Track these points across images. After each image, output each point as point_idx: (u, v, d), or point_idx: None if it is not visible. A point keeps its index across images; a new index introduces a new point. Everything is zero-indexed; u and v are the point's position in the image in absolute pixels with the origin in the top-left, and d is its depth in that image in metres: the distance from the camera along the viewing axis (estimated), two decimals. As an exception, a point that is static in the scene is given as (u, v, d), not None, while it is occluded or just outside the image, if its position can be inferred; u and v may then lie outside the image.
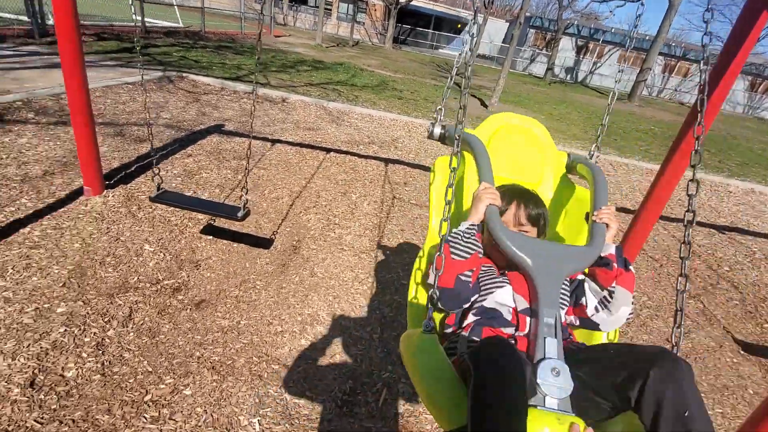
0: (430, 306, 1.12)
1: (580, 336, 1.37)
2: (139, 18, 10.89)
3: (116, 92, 5.77)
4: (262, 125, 5.73)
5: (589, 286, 1.26)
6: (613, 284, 1.20)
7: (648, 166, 7.57)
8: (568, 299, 1.29)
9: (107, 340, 2.12)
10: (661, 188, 2.76)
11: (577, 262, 1.18)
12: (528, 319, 1.15)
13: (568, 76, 28.17)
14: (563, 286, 1.27)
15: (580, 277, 1.31)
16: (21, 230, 2.75)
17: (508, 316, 1.19)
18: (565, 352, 1.06)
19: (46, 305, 2.22)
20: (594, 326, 1.26)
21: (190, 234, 3.11)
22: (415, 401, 2.17)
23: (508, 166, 1.65)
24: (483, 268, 1.32)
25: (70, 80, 2.83)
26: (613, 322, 1.21)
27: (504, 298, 1.21)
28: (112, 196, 3.32)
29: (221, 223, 3.29)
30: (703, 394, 2.56)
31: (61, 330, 2.09)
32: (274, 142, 5.12)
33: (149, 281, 2.58)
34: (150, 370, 2.02)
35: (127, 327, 2.23)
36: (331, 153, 5.12)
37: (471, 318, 1.23)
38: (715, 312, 3.45)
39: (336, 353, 2.36)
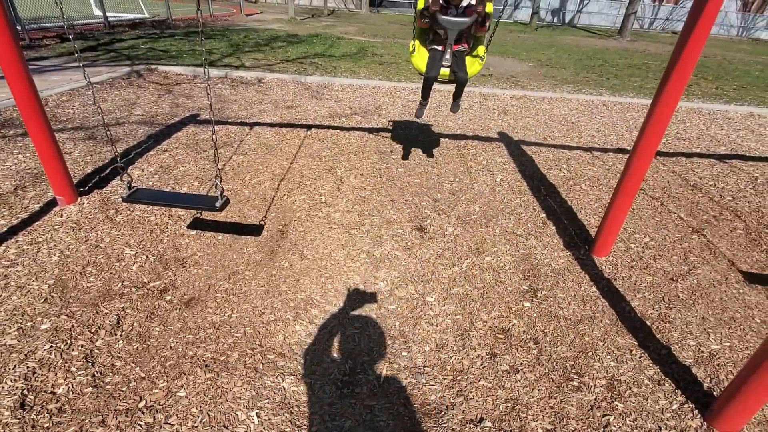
0: (413, 45, 3.56)
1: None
2: (100, 14, 10.41)
3: (84, 94, 5.54)
4: (238, 109, 5.52)
5: (473, 29, 3.33)
6: (478, 31, 3.36)
7: (644, 102, 7.32)
8: (464, 32, 3.30)
9: (96, 351, 2.07)
10: (655, 122, 2.60)
11: (464, 26, 3.16)
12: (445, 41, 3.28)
13: (555, 19, 27.07)
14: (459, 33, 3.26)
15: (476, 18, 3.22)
16: (-2, 250, 2.67)
17: (442, 37, 3.31)
18: (456, 51, 3.35)
19: (29, 323, 2.17)
20: (475, 38, 3.56)
21: (172, 232, 3.02)
22: (417, 373, 2.13)
23: None
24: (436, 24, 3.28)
25: (14, 86, 2.65)
26: (479, 36, 3.55)
27: (441, 32, 3.31)
28: (88, 203, 3.21)
29: (207, 216, 3.20)
30: (710, 329, 2.52)
31: (47, 347, 2.04)
32: (252, 125, 4.94)
33: (134, 285, 2.51)
34: (143, 375, 1.98)
35: (115, 335, 2.18)
36: (312, 129, 4.93)
37: (431, 36, 3.48)
38: (719, 244, 3.37)
39: (333, 335, 2.31)
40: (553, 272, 2.93)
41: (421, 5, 3.35)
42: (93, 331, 2.17)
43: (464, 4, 3.25)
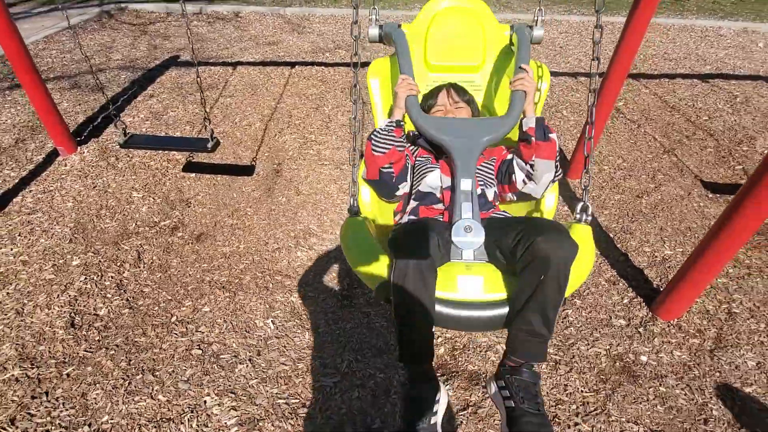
0: (353, 194, 1.30)
1: (519, 209, 1.53)
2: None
3: (58, 41, 5.36)
4: (218, 48, 5.40)
5: (516, 162, 1.35)
6: (534, 158, 1.28)
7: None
8: (494, 175, 1.44)
9: (125, 280, 2.36)
10: (626, 43, 2.71)
11: (493, 132, 1.27)
12: (451, 193, 1.28)
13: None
14: (486, 163, 1.42)
15: (509, 156, 1.40)
16: (14, 200, 2.86)
17: (438, 194, 1.37)
18: (489, 221, 1.24)
19: (61, 261, 2.44)
20: (527, 197, 1.38)
21: (173, 175, 3.20)
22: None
23: (448, 52, 1.62)
24: (420, 159, 1.47)
25: (4, 40, 2.66)
26: (540, 188, 1.33)
27: (433, 180, 1.39)
28: (88, 152, 3.35)
29: (201, 158, 3.35)
30: (666, 238, 2.83)
31: (82, 278, 2.33)
32: (235, 65, 4.89)
33: (147, 225, 2.76)
34: (170, 298, 2.29)
35: (139, 267, 2.46)
36: (297, 66, 4.90)
37: (412, 203, 1.41)
38: (688, 162, 3.60)
39: (331, 259, 2.61)
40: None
41: (378, 120, 1.61)
42: (119, 264, 2.45)
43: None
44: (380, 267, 1.11)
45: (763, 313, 2.33)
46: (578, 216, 1.28)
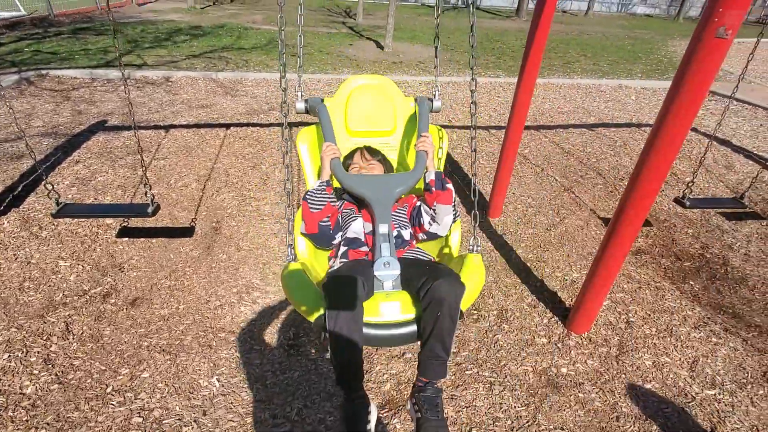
0: (290, 244, 1.53)
1: (432, 245, 1.83)
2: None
3: (-34, 107, 5.07)
4: (149, 112, 5.43)
5: (423, 208, 1.65)
6: (435, 204, 1.59)
7: (538, 81, 8.32)
8: (407, 219, 1.71)
9: (53, 355, 2.23)
10: (520, 100, 3.24)
11: (402, 185, 1.59)
12: (373, 237, 1.54)
13: (459, 1, 28.47)
14: (400, 210, 1.71)
15: (418, 203, 1.69)
16: None
17: (362, 239, 1.63)
18: (406, 258, 1.54)
19: (-26, 342, 2.24)
20: (434, 236, 1.66)
21: (104, 240, 3.11)
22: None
23: (365, 121, 1.94)
24: (345, 211, 1.72)
25: None
26: (443, 228, 1.63)
27: (357, 227, 1.65)
28: (7, 223, 3.16)
29: (135, 222, 3.31)
30: (573, 263, 3.26)
31: (5, 357, 2.16)
32: (167, 128, 4.94)
33: (75, 294, 2.64)
34: (104, 368, 2.19)
35: (68, 339, 2.33)
36: (232, 128, 5.07)
37: (342, 248, 1.64)
38: (584, 198, 4.22)
39: (276, 310, 2.67)
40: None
41: (317, 169, 1.81)
42: (45, 338, 2.31)
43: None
44: (317, 304, 1.31)
45: (653, 319, 2.76)
46: (471, 247, 1.57)
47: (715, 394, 2.29)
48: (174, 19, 12.98)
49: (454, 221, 1.62)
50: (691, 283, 3.15)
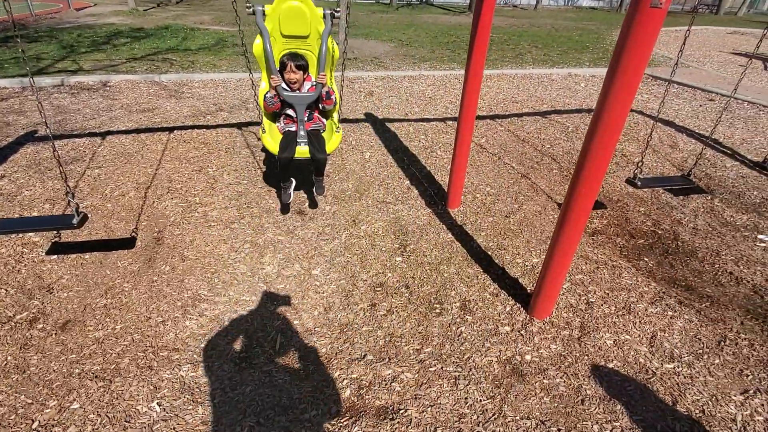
0: (261, 124, 3.30)
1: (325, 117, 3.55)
2: None
3: None
4: (84, 119, 5.02)
5: (322, 103, 3.25)
6: (325, 105, 3.27)
7: (488, 72, 8.40)
8: (314, 108, 3.33)
9: (-39, 395, 1.95)
10: (469, 91, 3.19)
11: (310, 99, 3.17)
12: (296, 120, 3.20)
13: (413, -2, 28.58)
14: (308, 108, 3.23)
15: (323, 97, 3.23)
16: None
17: (293, 117, 3.27)
18: (310, 130, 3.25)
19: None
20: (326, 114, 3.49)
21: (30, 260, 2.80)
22: (309, 334, 2.43)
23: (291, 28, 3.14)
24: (285, 105, 3.22)
25: None
26: (330, 109, 3.39)
27: (289, 112, 3.26)
28: None
29: (66, 237, 3.00)
30: (532, 249, 3.24)
31: None
32: (104, 135, 4.58)
33: (-6, 322, 2.34)
34: (30, 401, 1.94)
35: (-18, 375, 2.05)
36: (176, 131, 4.76)
37: (283, 116, 3.34)
38: (540, 184, 4.25)
39: (225, 321, 2.48)
40: (418, 228, 3.45)
41: (263, 91, 3.30)
42: (-48, 376, 2.02)
43: (308, 84, 3.27)
44: (276, 150, 3.07)
45: (612, 298, 2.78)
46: (336, 130, 3.32)
47: (674, 368, 2.31)
48: (114, 22, 12.24)
49: (333, 108, 3.40)
50: (645, 259, 3.21)
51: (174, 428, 1.86)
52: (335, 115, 3.46)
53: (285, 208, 3.50)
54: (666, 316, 2.67)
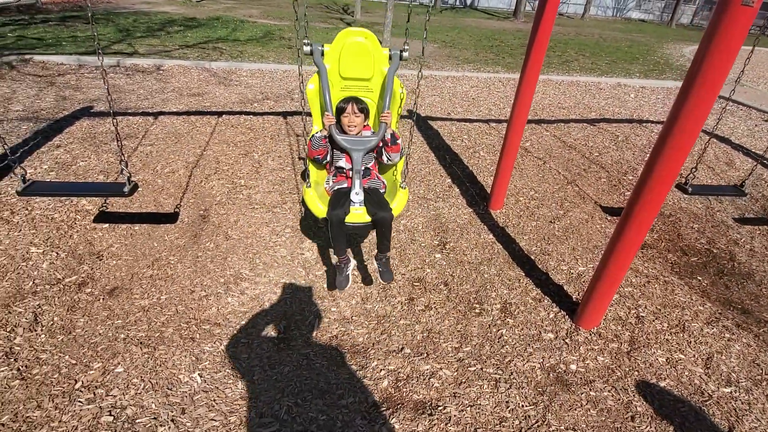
0: (307, 174, 2.38)
1: (385, 173, 2.74)
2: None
3: (-57, 90, 4.82)
4: (138, 99, 5.21)
5: (384, 150, 2.43)
6: (390, 152, 2.43)
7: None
8: (374, 158, 2.52)
9: (16, 347, 2.03)
10: (522, 95, 3.09)
11: (370, 144, 2.38)
12: (351, 172, 2.35)
13: (457, 1, 28.41)
14: (368, 155, 2.46)
15: (381, 146, 2.44)
16: None
17: (345, 170, 2.45)
18: (367, 186, 2.41)
19: (-70, 332, 2.04)
20: (389, 166, 2.59)
21: (82, 227, 2.91)
22: (346, 322, 2.40)
23: (353, 69, 2.54)
24: (336, 151, 2.47)
25: None
26: (394, 162, 2.49)
27: (342, 163, 2.44)
28: (-24, 206, 2.95)
29: (117, 207, 3.11)
30: (578, 256, 3.11)
31: (-42, 350, 1.96)
32: (156, 115, 4.73)
33: (47, 283, 2.43)
34: (74, 362, 2.00)
35: (35, 331, 2.13)
36: (224, 116, 4.87)
37: (333, 170, 2.50)
38: (587, 191, 4.09)
39: (265, 301, 2.48)
40: (459, 227, 3.37)
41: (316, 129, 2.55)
42: (9, 330, 2.10)
43: (366, 133, 2.52)
44: (322, 212, 2.24)
45: (664, 314, 2.62)
46: (402, 185, 2.44)
47: (731, 392, 2.15)
48: (168, 11, 12.72)
49: (400, 159, 2.54)
50: (699, 278, 3.02)
51: (214, 400, 1.86)
52: (400, 168, 2.62)
53: (341, 287, 2.45)
54: (723, 338, 2.49)
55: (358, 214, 2.21)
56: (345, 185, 2.41)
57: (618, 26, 22.66)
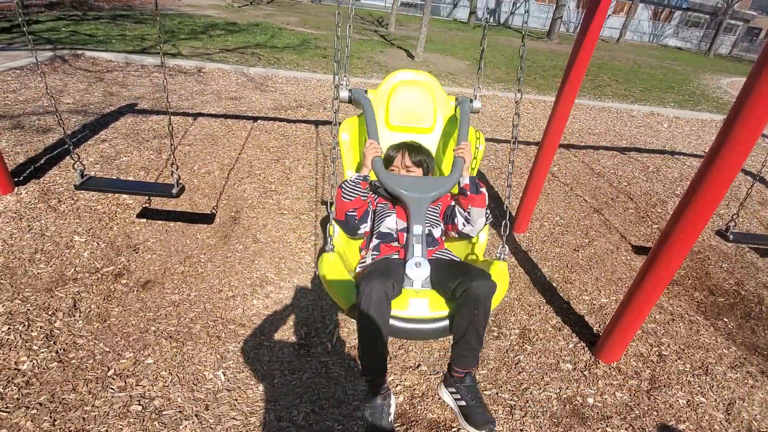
0: (330, 235, 1.53)
1: (460, 246, 1.81)
2: (9, -11, 9.42)
3: (2, 80, 5.16)
4: (179, 99, 5.45)
5: (458, 210, 1.66)
6: (469, 207, 1.60)
7: (561, 100, 8.16)
8: (440, 219, 1.72)
9: (56, 331, 2.15)
10: (556, 119, 3.12)
11: (438, 189, 1.59)
12: (405, 234, 1.58)
13: (491, 19, 28.52)
14: (432, 208, 1.70)
15: (453, 203, 1.69)
16: (-71, 241, 2.58)
17: (395, 235, 1.64)
18: (434, 258, 1.55)
19: (-20, 309, 2.19)
20: (466, 236, 1.69)
21: (122, 220, 3.06)
22: (364, 334, 2.45)
23: (407, 116, 1.90)
24: (380, 206, 1.74)
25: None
26: (475, 230, 1.64)
27: (391, 223, 1.66)
28: (26, 193, 3.14)
29: (155, 204, 3.26)
30: (601, 287, 3.09)
31: (4, 329, 2.09)
32: (195, 116, 4.94)
33: (87, 271, 2.57)
34: (107, 350, 2.10)
35: (74, 317, 2.26)
36: (259, 121, 5.04)
37: (374, 240, 1.68)
38: (614, 222, 4.04)
39: (288, 306, 2.56)
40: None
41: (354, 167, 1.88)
42: (50, 313, 2.24)
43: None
44: (350, 294, 1.34)
45: (687, 354, 2.57)
46: (498, 255, 1.57)
47: (754, 444, 2.09)
48: (211, 14, 13.23)
49: (486, 224, 1.66)
50: (725, 319, 2.95)
51: (236, 399, 1.93)
52: (484, 236, 1.74)
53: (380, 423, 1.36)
54: (746, 384, 2.42)
55: (420, 297, 1.34)
56: (396, 257, 1.56)
57: (654, 52, 22.30)
